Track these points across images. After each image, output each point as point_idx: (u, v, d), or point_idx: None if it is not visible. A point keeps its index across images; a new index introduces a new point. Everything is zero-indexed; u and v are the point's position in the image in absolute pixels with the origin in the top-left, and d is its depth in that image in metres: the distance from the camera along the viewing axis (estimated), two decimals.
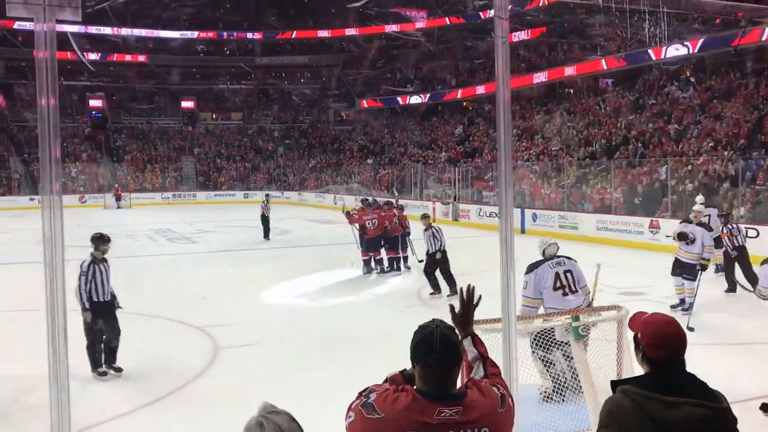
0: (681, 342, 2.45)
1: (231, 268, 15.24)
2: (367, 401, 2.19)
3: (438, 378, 2.19)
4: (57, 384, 2.56)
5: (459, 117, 41.47)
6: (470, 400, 2.19)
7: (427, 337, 2.20)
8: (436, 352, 2.17)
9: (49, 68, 2.48)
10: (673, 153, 21.89)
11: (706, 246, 9.68)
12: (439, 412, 2.13)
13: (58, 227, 2.48)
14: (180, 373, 7.37)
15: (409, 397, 2.16)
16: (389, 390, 2.22)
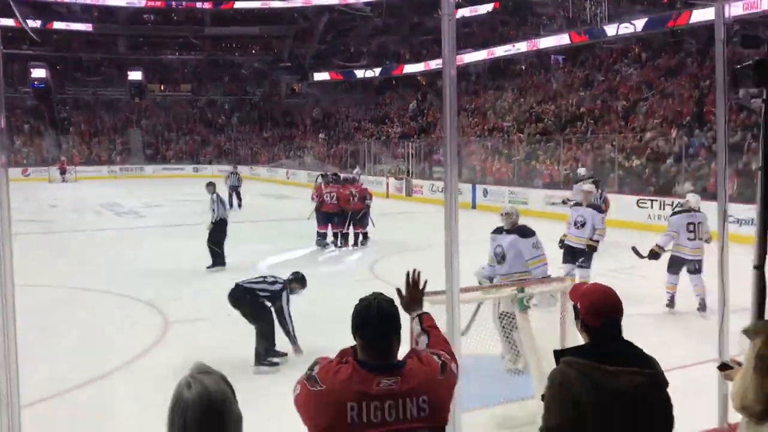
0: (616, 309, 2.58)
1: (180, 242, 15.05)
2: (311, 374, 2.24)
3: (376, 348, 2.24)
4: (6, 361, 2.53)
5: (413, 92, 41.45)
6: (408, 369, 2.24)
7: (365, 309, 2.27)
8: (373, 323, 2.24)
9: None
10: (620, 130, 22.37)
11: (597, 229, 9.25)
12: (378, 383, 2.17)
13: (5, 202, 2.44)
14: (129, 348, 7.31)
15: (350, 368, 2.21)
16: (332, 362, 2.27)
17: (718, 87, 4.08)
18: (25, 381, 2.74)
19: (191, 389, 1.85)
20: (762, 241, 3.81)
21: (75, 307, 9.29)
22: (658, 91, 23.86)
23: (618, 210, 17.64)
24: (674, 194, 17.12)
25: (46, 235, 16.49)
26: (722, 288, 4.12)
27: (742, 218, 12.27)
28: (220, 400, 1.87)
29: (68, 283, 10.76)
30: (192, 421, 1.83)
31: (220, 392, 1.88)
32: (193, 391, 1.85)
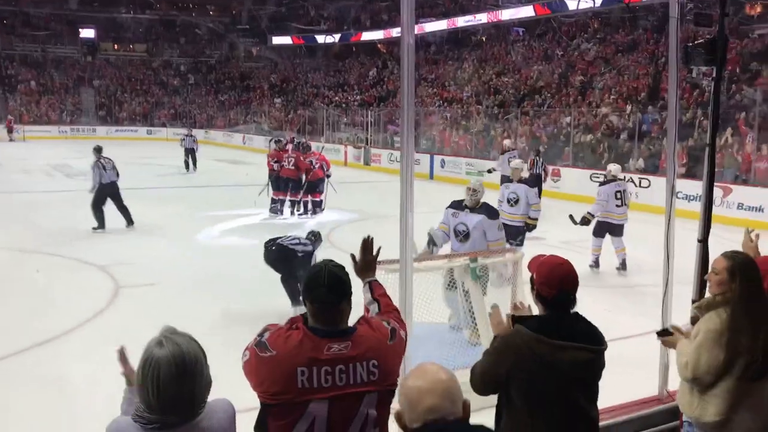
0: (570, 282, 2.65)
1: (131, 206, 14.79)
2: (261, 340, 2.24)
3: (327, 313, 2.26)
4: None
5: (373, 59, 41.12)
6: (358, 335, 2.27)
7: (316, 274, 2.29)
8: (324, 287, 2.25)
9: None
10: (577, 104, 22.64)
11: (532, 204, 9.24)
12: (329, 348, 2.20)
13: None
14: (79, 312, 7.21)
15: (301, 334, 2.22)
16: (282, 328, 2.28)
17: (671, 64, 4.15)
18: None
19: (163, 347, 1.88)
20: (706, 215, 3.93)
21: (24, 270, 9.09)
22: (615, 67, 24.16)
23: (572, 184, 17.95)
24: (627, 170, 17.46)
25: None
26: (667, 263, 4.24)
27: (691, 194, 12.61)
28: (193, 358, 1.90)
29: (17, 245, 10.52)
30: (166, 376, 1.85)
31: (192, 350, 1.91)
32: (165, 349, 1.87)
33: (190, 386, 1.89)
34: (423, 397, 1.79)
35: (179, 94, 48.13)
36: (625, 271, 9.56)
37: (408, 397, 1.83)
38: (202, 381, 1.93)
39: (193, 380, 1.89)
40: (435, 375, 1.84)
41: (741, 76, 18.83)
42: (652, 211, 12.52)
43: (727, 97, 17.62)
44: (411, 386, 1.84)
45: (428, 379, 1.83)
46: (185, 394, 1.88)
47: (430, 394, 1.79)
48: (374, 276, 2.79)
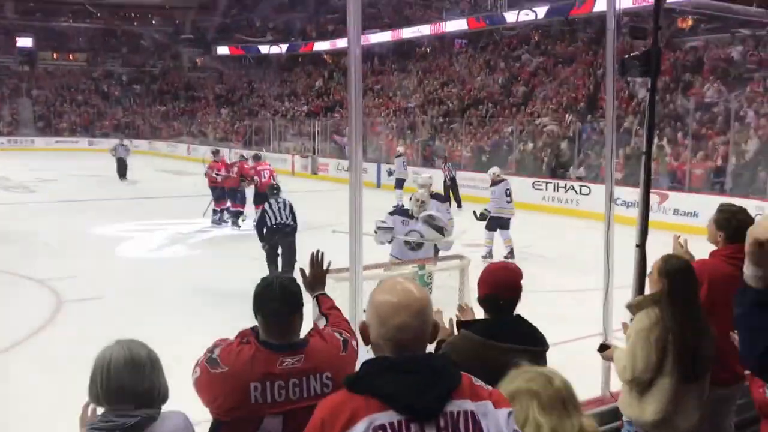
0: (513, 285, 2.73)
1: (72, 218, 14.41)
2: (211, 356, 2.23)
3: (278, 326, 2.26)
4: None
5: (319, 70, 41.11)
6: (311, 348, 2.27)
7: (267, 287, 2.29)
8: (276, 300, 2.24)
9: None
10: (519, 114, 23.10)
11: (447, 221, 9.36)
12: (282, 362, 2.20)
13: None
14: (19, 328, 7.00)
15: (253, 348, 2.21)
16: (233, 344, 2.26)
17: (608, 75, 4.31)
18: None
19: (118, 344, 1.93)
20: (644, 221, 4.08)
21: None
22: (555, 77, 24.75)
23: (515, 192, 18.26)
24: (568, 177, 17.90)
25: None
26: (607, 267, 4.38)
27: (629, 201, 13.00)
28: (146, 356, 1.95)
29: None
30: (116, 365, 1.89)
31: (146, 351, 1.96)
32: (119, 345, 1.93)
33: (139, 380, 1.91)
34: (395, 314, 1.70)
35: (121, 104, 47.11)
36: (513, 258, 10.48)
37: (378, 311, 1.73)
38: (153, 380, 1.94)
39: (142, 374, 1.92)
40: (409, 292, 1.74)
41: (675, 86, 19.52)
42: (592, 217, 12.87)
43: (663, 107, 18.25)
44: (382, 301, 1.74)
45: (402, 296, 1.73)
46: (133, 386, 1.91)
47: (404, 311, 1.70)
48: (323, 290, 2.81)
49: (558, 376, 1.85)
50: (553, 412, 1.77)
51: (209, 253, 11.62)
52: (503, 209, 11.16)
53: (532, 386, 1.82)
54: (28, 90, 46.19)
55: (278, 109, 37.43)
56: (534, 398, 1.79)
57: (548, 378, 1.84)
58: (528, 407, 1.78)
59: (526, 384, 1.84)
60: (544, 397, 1.79)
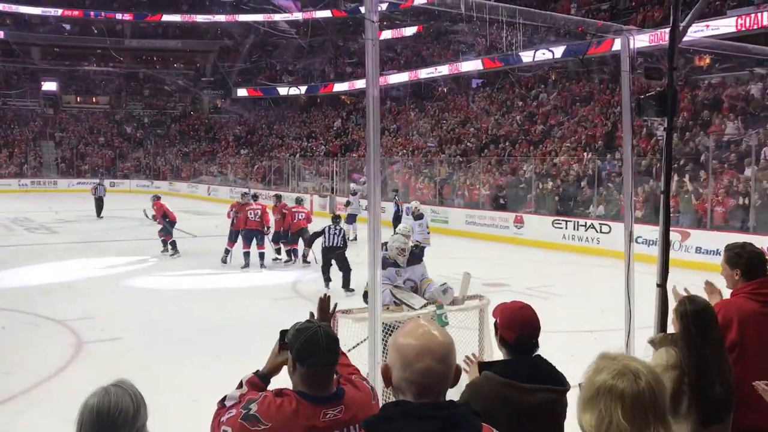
0: (532, 325, 2.70)
1: (94, 259, 14.55)
2: (248, 413, 2.12)
3: (321, 377, 2.18)
4: None
5: (337, 110, 41.62)
6: (349, 398, 2.22)
7: (312, 337, 2.17)
8: (322, 351, 2.15)
9: None
10: (537, 153, 23.13)
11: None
12: (324, 414, 2.14)
13: None
14: (39, 370, 7.02)
15: (294, 402, 2.13)
16: (268, 397, 2.17)
17: (624, 116, 4.33)
18: None
19: (95, 396, 1.98)
20: (664, 260, 4.04)
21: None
22: (572, 116, 24.83)
23: (534, 230, 18.23)
24: (588, 216, 17.81)
25: None
26: (629, 306, 4.33)
27: (650, 239, 12.88)
28: (117, 410, 1.97)
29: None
30: (86, 423, 1.96)
31: (121, 404, 1.97)
32: (95, 397, 1.98)
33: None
34: (419, 358, 1.68)
35: (143, 146, 47.88)
36: None
37: (401, 353, 1.71)
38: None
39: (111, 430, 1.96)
40: (433, 335, 1.72)
41: (694, 124, 19.49)
42: (613, 256, 12.77)
43: (683, 144, 18.20)
44: (405, 344, 1.71)
45: (426, 340, 1.71)
46: None
47: (428, 356, 1.68)
48: None
49: (646, 375, 1.72)
50: (636, 418, 1.67)
51: (230, 294, 11.64)
52: (425, 240, 12.39)
53: (618, 384, 1.70)
54: (52, 133, 47.13)
55: (297, 150, 37.82)
56: (619, 402, 1.68)
57: (636, 374, 1.71)
58: (612, 411, 1.68)
59: (612, 380, 1.72)
60: (628, 400, 1.68)
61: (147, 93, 53.10)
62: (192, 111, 52.34)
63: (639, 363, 1.76)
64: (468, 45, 33.91)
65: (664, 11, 23.77)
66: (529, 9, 4.17)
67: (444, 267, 13.49)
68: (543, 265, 14.81)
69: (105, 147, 47.19)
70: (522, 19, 3.58)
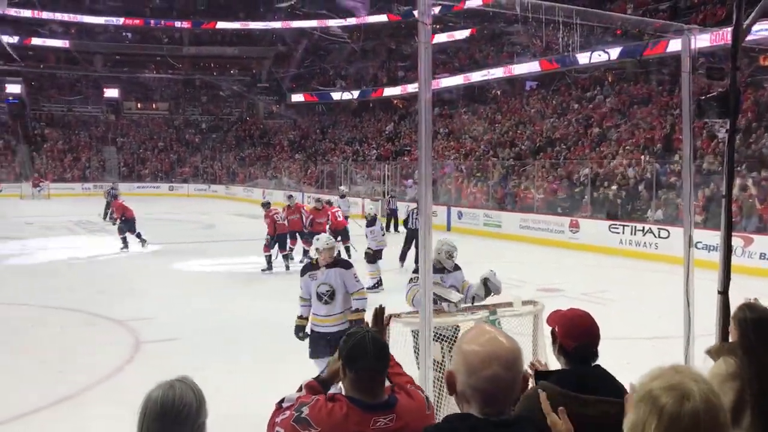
0: (592, 334, 2.63)
1: (153, 261, 14.94)
2: (300, 416, 2.16)
3: (370, 383, 2.19)
4: None
5: (389, 114, 41.75)
6: (401, 406, 2.21)
7: (360, 342, 2.20)
8: (369, 357, 2.17)
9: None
10: (593, 156, 22.72)
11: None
12: (375, 422, 2.14)
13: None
14: (99, 368, 7.23)
15: (344, 408, 2.15)
16: (320, 401, 2.19)
17: (684, 117, 4.21)
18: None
19: (159, 389, 1.97)
20: (726, 266, 3.91)
21: (46, 326, 9.17)
22: (630, 118, 24.31)
23: (590, 235, 17.90)
24: (646, 220, 17.39)
25: (19, 252, 16.30)
26: (688, 313, 4.21)
27: (711, 244, 12.50)
28: (181, 404, 1.96)
29: (40, 301, 10.63)
30: (150, 415, 1.94)
31: (185, 398, 1.97)
32: (159, 390, 1.97)
33: (172, 428, 1.95)
34: (485, 365, 1.64)
35: (200, 151, 48.98)
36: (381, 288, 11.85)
37: (467, 360, 1.67)
38: (188, 425, 1.96)
39: (175, 425, 1.94)
40: (499, 342, 1.69)
41: (758, 126, 18.85)
42: (671, 261, 12.43)
43: (746, 147, 17.62)
44: (470, 350, 1.68)
45: (492, 346, 1.67)
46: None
47: (495, 362, 1.65)
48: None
49: (697, 399, 1.53)
50: None
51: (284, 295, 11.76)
52: (381, 242, 12.95)
53: (662, 398, 1.55)
54: (114, 138, 48.64)
55: (349, 154, 38.08)
56: (656, 416, 1.54)
57: (685, 395, 1.54)
58: (647, 422, 1.55)
59: (660, 390, 1.57)
60: (666, 417, 1.53)
61: (204, 99, 54.29)
62: (247, 116, 53.26)
63: (699, 384, 1.59)
64: (523, 47, 33.57)
65: (726, 9, 23.05)
66: (586, 9, 4.10)
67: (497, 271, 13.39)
68: (598, 270, 14.54)
69: (164, 152, 48.46)
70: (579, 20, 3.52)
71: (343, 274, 6.03)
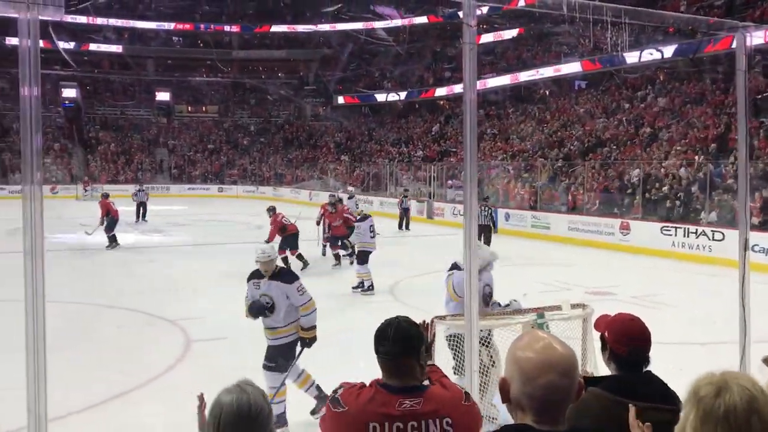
0: (645, 338, 2.56)
1: (203, 261, 15.18)
2: (334, 396, 2.31)
3: (393, 366, 2.27)
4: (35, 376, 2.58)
5: (435, 115, 41.66)
6: (431, 392, 2.27)
7: (384, 328, 2.33)
8: (389, 341, 2.27)
9: (32, 59, 2.49)
10: (645, 156, 22.26)
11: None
12: (400, 403, 2.20)
13: (39, 217, 2.52)
14: (151, 366, 7.38)
15: (372, 390, 2.27)
16: (356, 385, 2.33)
17: (740, 116, 4.09)
18: (52, 396, 2.79)
19: (231, 393, 1.95)
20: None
21: (100, 324, 9.41)
22: (683, 118, 23.74)
23: (642, 237, 17.53)
24: (699, 222, 16.95)
25: (72, 251, 16.76)
26: (743, 318, 4.09)
27: None
28: (257, 409, 1.94)
29: (93, 300, 10.91)
30: (225, 422, 1.91)
31: (258, 403, 1.95)
32: (232, 395, 1.94)
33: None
34: (541, 372, 1.63)
35: (248, 153, 49.69)
36: (372, 292, 11.60)
37: (521, 367, 1.66)
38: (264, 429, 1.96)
39: (252, 429, 1.93)
40: (554, 348, 1.67)
41: None
42: (726, 264, 12.09)
43: None
44: (525, 357, 1.66)
45: (547, 353, 1.65)
46: None
47: (551, 370, 1.63)
48: (431, 359, 2.80)
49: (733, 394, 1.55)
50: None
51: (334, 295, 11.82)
52: (367, 243, 12.23)
53: (702, 390, 1.60)
54: (165, 141, 49.74)
55: (395, 155, 38.11)
56: (694, 408, 1.58)
57: (723, 388, 1.57)
58: (689, 413, 1.59)
59: (702, 384, 1.62)
60: (701, 408, 1.56)
61: (252, 102, 55.06)
62: (294, 118, 53.82)
63: (742, 381, 1.58)
64: (570, 46, 33.13)
65: None
66: (636, 8, 4.01)
67: (545, 274, 13.23)
68: (650, 272, 14.22)
69: (214, 154, 49.32)
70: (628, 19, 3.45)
71: (283, 287, 5.91)
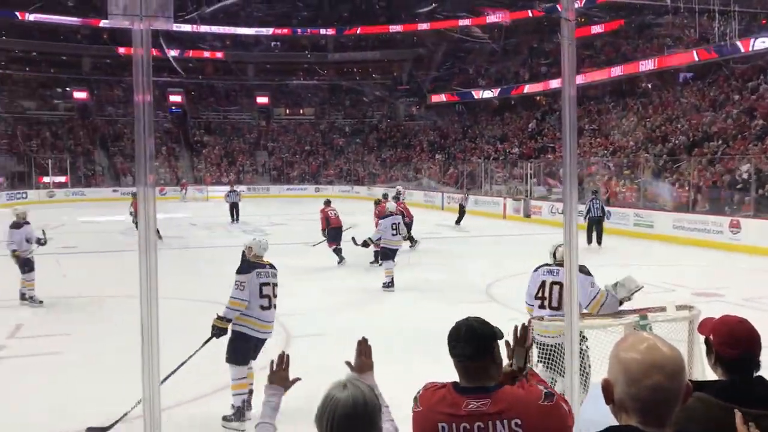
0: (755, 341, 2.42)
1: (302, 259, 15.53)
2: (416, 396, 2.37)
3: (464, 368, 2.30)
4: (149, 367, 2.72)
5: (532, 112, 40.92)
6: (502, 392, 2.25)
7: (456, 328, 2.35)
8: (461, 341, 2.29)
9: (144, 67, 2.63)
10: (756, 151, 21.04)
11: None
12: (467, 404, 2.23)
13: (152, 218, 2.66)
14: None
15: (445, 391, 2.30)
16: (435, 385, 2.36)
17: None
18: (164, 386, 2.94)
19: (345, 390, 1.95)
20: None
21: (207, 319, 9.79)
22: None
23: (754, 236, 16.59)
24: None
25: (181, 250, 17.56)
26: None
27: None
28: (372, 406, 1.95)
29: (200, 296, 11.37)
30: (341, 417, 1.91)
31: (372, 400, 1.97)
32: (347, 392, 1.95)
33: (363, 428, 1.94)
34: (647, 374, 1.60)
35: (344, 154, 50.50)
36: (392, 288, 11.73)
37: (626, 368, 1.64)
38: (375, 425, 1.97)
39: (367, 426, 1.93)
40: (659, 350, 1.63)
41: None
42: None
43: None
44: (630, 358, 1.64)
45: (653, 355, 1.62)
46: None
47: (658, 372, 1.60)
48: (530, 362, 2.83)
49: None
50: None
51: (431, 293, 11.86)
52: (390, 241, 12.40)
53: None
54: (265, 143, 51.31)
55: (490, 153, 37.70)
56: None
57: None
58: None
59: None
60: None
61: (348, 103, 55.92)
62: (389, 119, 54.25)
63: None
64: (674, 38, 31.72)
65: None
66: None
67: (648, 275, 12.74)
68: (762, 274, 13.44)
69: (311, 155, 50.44)
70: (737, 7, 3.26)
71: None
